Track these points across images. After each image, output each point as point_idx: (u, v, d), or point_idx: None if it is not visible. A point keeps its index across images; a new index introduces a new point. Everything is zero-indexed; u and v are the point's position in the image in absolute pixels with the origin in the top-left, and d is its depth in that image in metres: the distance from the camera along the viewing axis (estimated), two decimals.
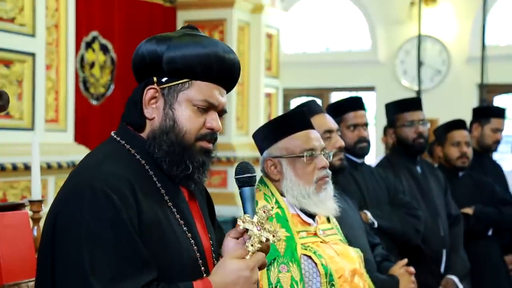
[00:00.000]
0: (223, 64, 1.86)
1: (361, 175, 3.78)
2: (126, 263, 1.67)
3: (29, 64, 5.47)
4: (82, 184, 1.73)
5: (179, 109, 1.84)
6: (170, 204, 1.85)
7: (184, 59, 1.82)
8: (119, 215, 1.69)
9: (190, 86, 1.84)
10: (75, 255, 1.66)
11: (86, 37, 7.21)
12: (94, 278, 1.63)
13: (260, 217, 1.79)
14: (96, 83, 7.38)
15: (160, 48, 1.84)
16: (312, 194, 2.58)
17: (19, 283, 2.49)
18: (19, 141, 5.31)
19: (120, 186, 1.72)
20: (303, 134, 2.65)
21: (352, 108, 3.75)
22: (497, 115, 5.10)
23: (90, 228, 1.67)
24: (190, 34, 1.89)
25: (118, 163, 1.81)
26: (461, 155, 4.58)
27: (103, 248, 1.66)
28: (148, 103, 1.86)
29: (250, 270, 1.76)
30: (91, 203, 1.69)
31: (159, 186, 1.85)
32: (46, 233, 1.77)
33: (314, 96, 9.31)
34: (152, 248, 1.73)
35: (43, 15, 5.57)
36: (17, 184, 5.34)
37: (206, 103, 1.85)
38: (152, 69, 1.86)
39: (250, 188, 1.86)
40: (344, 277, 2.52)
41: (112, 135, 1.93)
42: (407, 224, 3.78)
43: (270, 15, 8.94)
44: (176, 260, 1.79)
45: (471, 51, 8.64)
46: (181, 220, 1.85)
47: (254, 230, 1.78)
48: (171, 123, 1.83)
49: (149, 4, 8.12)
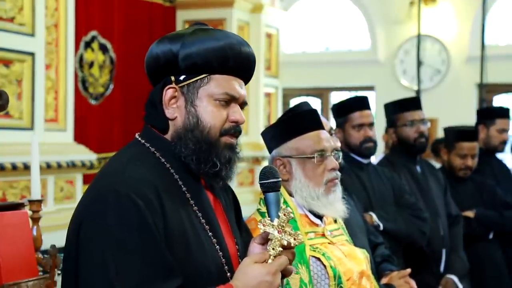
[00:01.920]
0: (239, 55, 1.85)
1: (367, 175, 3.77)
2: (151, 269, 1.65)
3: (28, 63, 5.47)
4: (107, 189, 1.71)
5: (201, 105, 1.82)
6: (196, 208, 1.82)
7: (200, 54, 1.80)
8: (145, 221, 1.66)
9: (209, 81, 1.82)
10: (99, 261, 1.64)
11: (85, 36, 7.20)
12: (119, 283, 1.61)
13: (281, 220, 1.77)
14: (95, 82, 7.37)
15: (175, 46, 1.82)
16: (321, 196, 2.55)
17: (19, 282, 2.49)
18: (18, 140, 5.30)
19: (145, 191, 1.70)
20: (314, 134, 2.61)
21: (357, 108, 3.74)
22: (501, 115, 5.11)
23: (114, 233, 1.65)
24: (202, 29, 1.87)
25: (143, 167, 1.78)
26: (465, 167, 4.61)
27: (128, 253, 1.64)
28: (169, 103, 1.83)
29: (271, 275, 1.72)
30: (116, 208, 1.67)
31: (184, 190, 1.82)
32: (70, 238, 1.75)
33: (313, 96, 9.32)
34: (177, 254, 1.70)
35: (43, 15, 5.57)
36: (16, 183, 5.34)
37: (227, 96, 1.83)
38: (169, 68, 1.84)
39: (275, 193, 1.83)
40: (352, 279, 2.51)
41: (136, 137, 1.90)
42: (412, 226, 3.75)
43: (269, 14, 8.94)
44: (201, 266, 1.76)
45: (471, 50, 8.64)
46: (207, 225, 1.82)
47: (275, 233, 1.76)
48: (195, 120, 1.81)
49: (149, 4, 8.12)
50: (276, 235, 1.75)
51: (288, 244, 1.76)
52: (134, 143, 1.89)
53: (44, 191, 5.50)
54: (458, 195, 4.57)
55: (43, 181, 5.43)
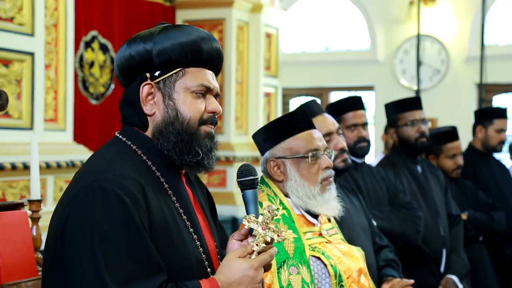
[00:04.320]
0: (211, 46, 1.90)
1: (361, 175, 3.77)
2: (138, 265, 1.68)
3: (28, 63, 5.47)
4: (92, 185, 1.72)
5: (179, 98, 1.86)
6: (177, 204, 1.85)
7: (174, 48, 1.85)
8: (131, 217, 1.69)
9: (184, 74, 1.87)
10: (89, 256, 1.66)
11: (85, 36, 7.20)
12: (109, 277, 1.63)
13: (265, 217, 1.81)
14: (96, 82, 7.38)
15: (148, 44, 1.86)
16: (317, 195, 2.58)
17: (19, 282, 2.48)
18: (18, 140, 5.31)
19: (131, 187, 1.73)
20: (306, 134, 2.63)
21: (351, 108, 3.74)
22: (499, 115, 5.13)
23: (102, 229, 1.67)
24: (170, 26, 1.91)
25: (126, 164, 1.81)
26: (457, 167, 4.65)
27: (115, 249, 1.66)
28: (146, 99, 1.87)
29: (254, 269, 1.77)
30: (103, 205, 1.69)
31: (166, 187, 1.85)
32: (55, 234, 1.75)
33: (313, 95, 9.31)
34: (161, 249, 1.73)
35: (42, 15, 5.57)
36: (16, 183, 5.34)
37: (203, 87, 1.88)
38: (143, 66, 1.87)
39: (253, 190, 1.88)
40: (352, 277, 2.53)
41: (116, 136, 1.92)
42: (406, 224, 3.76)
43: (269, 14, 8.94)
44: (183, 261, 1.79)
45: (470, 50, 8.64)
46: (188, 221, 1.86)
47: (259, 230, 1.80)
48: (174, 113, 1.85)
49: (149, 4, 8.12)
50: (261, 231, 1.80)
51: (272, 241, 1.81)
52: (114, 141, 1.91)
53: (43, 191, 5.50)
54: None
55: (42, 181, 5.43)
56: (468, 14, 8.65)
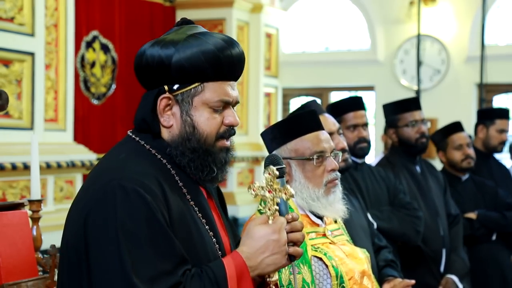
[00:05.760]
0: (231, 58, 1.85)
1: (361, 175, 3.77)
2: (164, 260, 1.68)
3: (28, 63, 5.47)
4: (111, 184, 1.72)
5: (196, 113, 1.84)
6: (192, 203, 1.85)
7: (193, 63, 1.81)
8: (154, 214, 1.70)
9: (203, 89, 1.84)
10: (114, 255, 1.66)
11: (86, 36, 7.20)
12: (136, 276, 1.64)
13: (267, 180, 1.82)
14: (97, 82, 7.38)
15: (166, 54, 1.82)
16: (321, 197, 2.56)
17: (19, 282, 2.49)
18: (18, 140, 5.31)
19: (150, 184, 1.73)
20: (313, 136, 2.61)
21: (351, 108, 3.74)
22: (501, 116, 5.14)
23: (126, 228, 1.67)
24: (192, 35, 1.85)
25: (142, 161, 1.81)
26: (466, 157, 4.62)
27: (141, 247, 1.67)
28: (164, 111, 1.85)
29: (277, 233, 1.77)
30: (125, 204, 1.69)
31: (181, 185, 1.85)
32: (75, 235, 1.74)
33: (313, 95, 9.31)
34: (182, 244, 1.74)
35: (43, 15, 5.57)
36: (16, 183, 5.34)
37: (222, 103, 1.85)
38: (161, 76, 1.84)
39: (281, 179, 1.88)
40: (354, 279, 2.52)
41: (129, 135, 1.91)
42: (406, 224, 3.76)
43: (269, 14, 8.94)
44: (202, 257, 1.79)
45: (470, 50, 8.64)
46: (203, 219, 1.86)
47: (266, 194, 1.81)
48: (191, 130, 1.84)
49: (149, 4, 8.12)
50: (268, 195, 1.81)
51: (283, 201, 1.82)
52: (127, 140, 1.91)
53: (44, 191, 5.51)
54: (459, 196, 4.58)
55: (43, 181, 5.43)
56: (468, 14, 8.64)
